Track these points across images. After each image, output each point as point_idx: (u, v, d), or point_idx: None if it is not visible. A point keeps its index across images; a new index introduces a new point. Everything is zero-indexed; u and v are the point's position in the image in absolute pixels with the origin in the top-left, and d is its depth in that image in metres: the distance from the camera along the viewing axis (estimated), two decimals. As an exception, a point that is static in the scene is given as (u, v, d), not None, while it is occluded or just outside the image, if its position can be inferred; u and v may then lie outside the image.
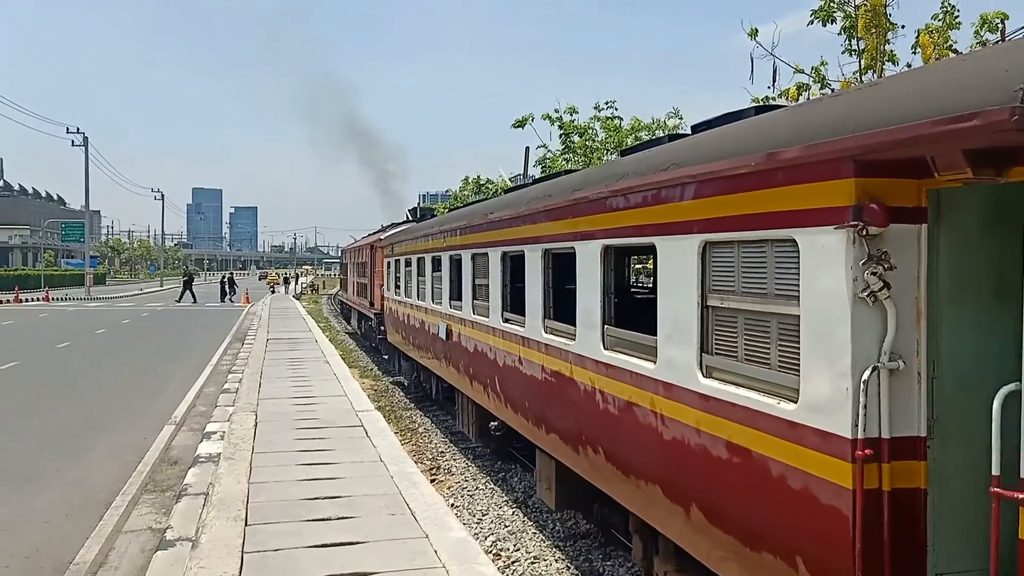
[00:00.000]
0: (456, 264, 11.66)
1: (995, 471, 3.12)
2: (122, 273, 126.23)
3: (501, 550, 8.29)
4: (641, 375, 5.57)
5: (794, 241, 3.94)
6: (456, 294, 11.65)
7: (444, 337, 12.34)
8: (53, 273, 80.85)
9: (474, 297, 10.58)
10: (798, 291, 3.94)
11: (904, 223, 3.56)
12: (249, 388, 15.06)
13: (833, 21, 11.43)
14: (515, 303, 8.87)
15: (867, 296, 3.55)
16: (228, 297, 52.84)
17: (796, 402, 3.96)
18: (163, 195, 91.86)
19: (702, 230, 4.79)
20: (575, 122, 21.47)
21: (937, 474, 3.63)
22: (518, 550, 8.29)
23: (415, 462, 10.26)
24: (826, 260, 3.71)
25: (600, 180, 6.46)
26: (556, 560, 8.01)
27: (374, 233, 28.12)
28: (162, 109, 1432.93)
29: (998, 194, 3.49)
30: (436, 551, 6.49)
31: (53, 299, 54.42)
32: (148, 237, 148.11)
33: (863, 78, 11.02)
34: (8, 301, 50.60)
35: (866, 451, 3.55)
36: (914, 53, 11.12)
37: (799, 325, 3.94)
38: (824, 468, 3.76)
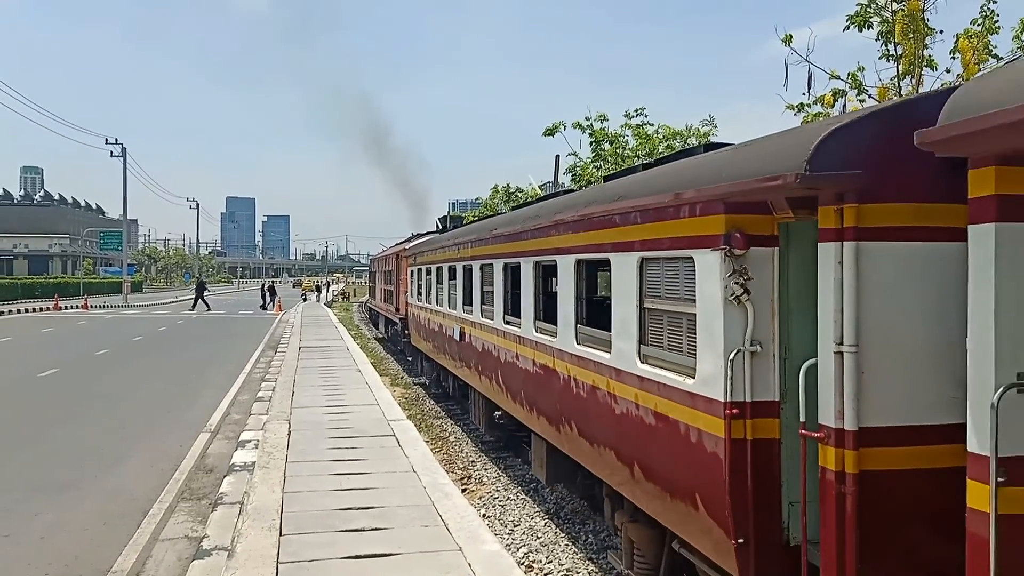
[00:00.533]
0: (468, 273, 13.01)
1: (803, 419, 4.53)
2: (158, 281, 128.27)
3: (533, 562, 8.23)
4: (601, 363, 6.91)
5: (692, 259, 5.28)
6: (468, 300, 12.97)
7: (458, 338, 13.58)
8: (91, 281, 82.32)
9: (482, 302, 11.91)
10: (695, 296, 5.28)
11: (761, 247, 4.86)
12: (282, 396, 15.19)
13: (870, 26, 11.25)
14: (514, 307, 10.14)
15: (733, 299, 4.86)
16: (268, 303, 52.91)
17: (694, 378, 5.28)
18: (198, 204, 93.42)
19: (640, 249, 6.16)
20: (605, 130, 21.41)
21: (788, 428, 4.79)
22: (550, 562, 8.23)
23: (446, 471, 10.25)
24: (709, 273, 5.05)
25: (574, 205, 7.95)
26: (589, 573, 7.94)
27: (402, 243, 29.10)
28: (197, 121, 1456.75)
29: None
30: (470, 564, 6.48)
31: (91, 306, 55.40)
32: (183, 245, 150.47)
33: (900, 84, 10.85)
34: (48, 309, 51.63)
35: (733, 410, 4.83)
36: (953, 58, 10.93)
37: (696, 321, 5.27)
38: (708, 424, 5.08)
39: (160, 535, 8.10)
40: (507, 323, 10.33)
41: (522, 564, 7.94)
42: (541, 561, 8.26)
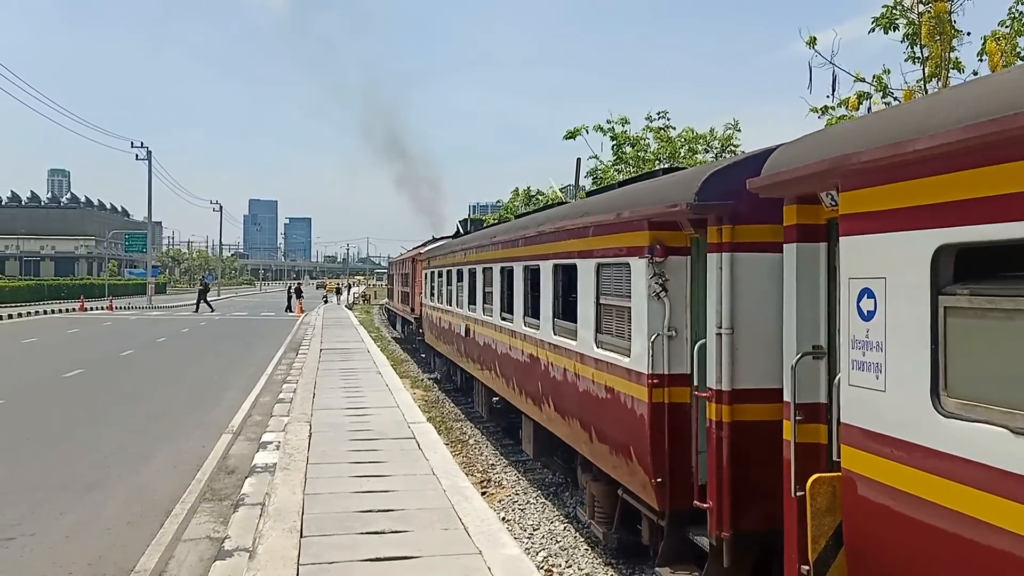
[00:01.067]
0: (472, 275, 14.63)
1: (695, 382, 6.12)
2: (182, 282, 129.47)
3: (553, 566, 8.22)
4: (570, 350, 8.51)
5: (629, 264, 6.89)
6: (472, 299, 14.60)
7: (464, 335, 15.32)
8: (116, 282, 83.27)
9: (484, 302, 13.47)
10: (631, 293, 6.83)
11: (676, 255, 6.41)
12: (303, 398, 15.26)
13: (896, 28, 11.13)
14: (509, 305, 11.60)
15: (655, 295, 6.40)
16: (293, 305, 52.94)
17: (629, 356, 6.86)
18: (221, 207, 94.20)
19: (598, 256, 7.74)
20: (627, 133, 21.33)
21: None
22: (570, 567, 8.21)
23: (466, 474, 10.24)
24: (639, 275, 6.63)
25: (553, 218, 9.57)
26: (609, 578, 7.91)
27: (418, 247, 30.53)
28: (221, 124, 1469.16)
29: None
30: (490, 568, 6.46)
31: (116, 308, 56.04)
32: (206, 247, 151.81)
33: (927, 86, 10.72)
34: (74, 310, 52.28)
35: (654, 381, 6.41)
36: (980, 60, 10.79)
37: (630, 312, 6.84)
38: (637, 392, 6.64)
39: (182, 535, 8.15)
40: (503, 319, 11.87)
41: (541, 568, 7.93)
42: (561, 566, 8.24)
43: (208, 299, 54.77)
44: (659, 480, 6.34)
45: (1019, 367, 3.21)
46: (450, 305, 17.38)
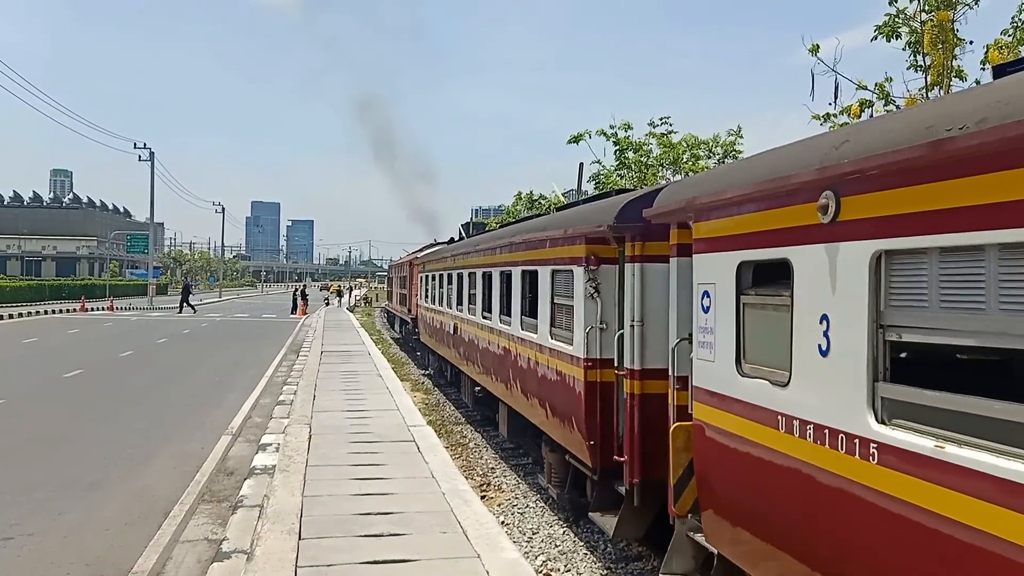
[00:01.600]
0: (460, 279, 16.30)
1: (616, 363, 7.70)
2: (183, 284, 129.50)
3: (552, 571, 8.20)
4: (532, 341, 10.17)
5: (572, 271, 8.51)
6: (459, 301, 16.25)
7: (452, 332, 17.01)
8: (118, 283, 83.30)
9: (469, 303, 15.11)
10: (574, 294, 8.40)
11: (607, 265, 7.94)
12: (304, 400, 15.26)
13: (898, 36, 11.12)
14: (488, 306, 13.21)
15: (590, 296, 7.96)
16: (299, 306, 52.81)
17: (572, 345, 8.46)
18: (223, 208, 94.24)
19: (552, 264, 9.43)
20: (630, 138, 21.36)
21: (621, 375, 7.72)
22: (568, 571, 8.20)
23: (466, 478, 10.24)
24: (579, 280, 8.21)
25: (523, 231, 11.26)
26: (608, 583, 7.90)
27: (415, 252, 31.71)
28: (224, 126, 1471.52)
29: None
30: (488, 571, 6.45)
31: (117, 308, 56.03)
32: (208, 249, 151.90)
33: (929, 95, 10.73)
34: (75, 310, 52.31)
35: (588, 363, 8.01)
36: (983, 69, 10.78)
37: (573, 309, 8.43)
38: (577, 373, 8.26)
39: (180, 537, 8.15)
40: (484, 318, 13.47)
41: (540, 572, 7.92)
42: (560, 570, 8.22)
43: (190, 301, 54.66)
44: (592, 443, 8.01)
45: (774, 341, 4.78)
46: (441, 306, 19.13)
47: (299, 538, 7.27)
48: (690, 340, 5.98)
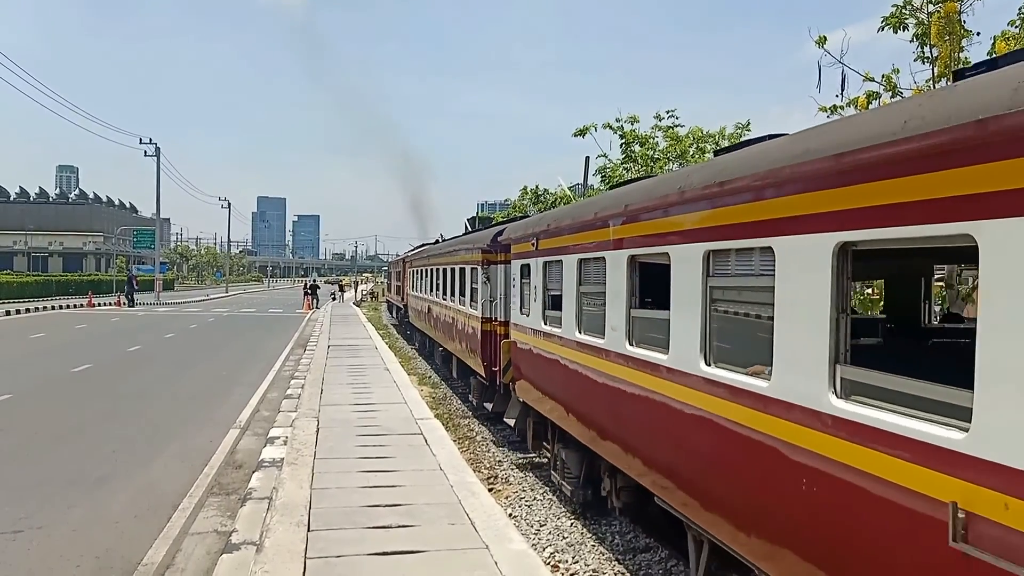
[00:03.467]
0: (430, 273, 23.27)
1: (497, 319, 14.33)
2: (189, 279, 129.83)
3: (560, 562, 8.22)
4: (459, 309, 17.25)
5: (477, 268, 15.18)
6: (431, 288, 22.95)
7: (427, 312, 23.79)
8: (124, 279, 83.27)
9: (435, 289, 21.86)
10: (477, 281, 15.36)
11: (495, 265, 14.35)
12: (311, 394, 15.31)
13: (905, 28, 11.08)
14: (444, 290, 20.10)
15: (484, 283, 14.56)
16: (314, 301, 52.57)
17: (477, 310, 15.10)
18: (230, 204, 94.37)
19: (469, 264, 16.18)
20: (636, 131, 21.30)
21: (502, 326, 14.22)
22: (576, 562, 8.22)
23: (473, 470, 10.27)
24: (478, 273, 15.03)
25: (452, 245, 19.76)
26: (616, 574, 7.92)
27: (412, 249, 38.58)
28: (231, 122, 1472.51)
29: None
30: (496, 563, 6.47)
31: (124, 304, 56.12)
32: (215, 244, 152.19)
33: (936, 86, 10.68)
34: (82, 305, 52.49)
35: (484, 319, 14.51)
36: (991, 60, 10.71)
37: (476, 290, 15.38)
38: (478, 324, 14.86)
39: (190, 529, 8.19)
40: (443, 298, 19.99)
41: (548, 563, 7.93)
42: (567, 561, 8.24)
43: (133, 294, 53.94)
44: (485, 363, 14.42)
45: (532, 299, 10.81)
46: (421, 292, 26.12)
47: (308, 530, 7.30)
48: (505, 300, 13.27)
